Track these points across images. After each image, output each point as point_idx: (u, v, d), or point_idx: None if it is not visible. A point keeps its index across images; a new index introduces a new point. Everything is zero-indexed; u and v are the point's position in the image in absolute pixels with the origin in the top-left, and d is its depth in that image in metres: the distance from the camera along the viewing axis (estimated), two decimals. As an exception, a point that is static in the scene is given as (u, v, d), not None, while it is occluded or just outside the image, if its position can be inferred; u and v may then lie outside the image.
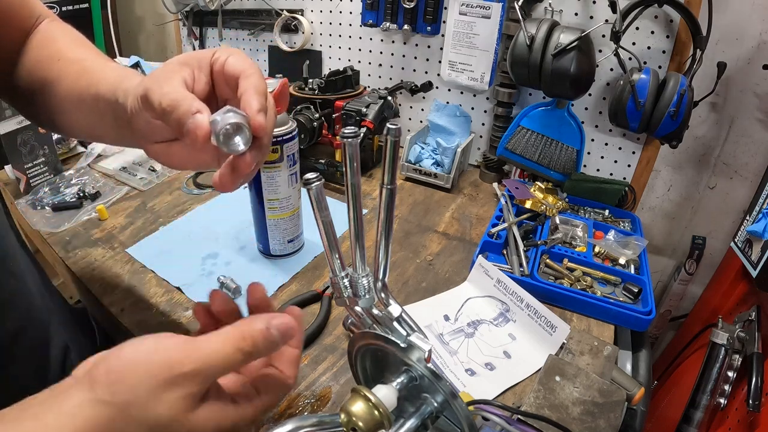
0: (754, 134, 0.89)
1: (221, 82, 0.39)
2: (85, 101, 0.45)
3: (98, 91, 0.43)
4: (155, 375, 0.30)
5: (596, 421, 0.47)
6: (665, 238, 1.08)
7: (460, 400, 0.33)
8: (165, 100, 0.34)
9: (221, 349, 0.32)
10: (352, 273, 0.37)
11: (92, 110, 0.45)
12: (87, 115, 0.46)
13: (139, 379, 0.30)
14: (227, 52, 0.38)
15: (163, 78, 0.36)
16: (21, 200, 0.87)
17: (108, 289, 0.67)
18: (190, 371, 0.30)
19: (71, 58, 0.49)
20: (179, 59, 0.38)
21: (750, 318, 0.74)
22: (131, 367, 0.30)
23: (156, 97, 0.35)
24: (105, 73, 0.45)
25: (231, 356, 0.32)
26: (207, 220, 0.84)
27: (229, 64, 0.37)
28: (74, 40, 0.52)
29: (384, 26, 1.03)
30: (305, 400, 0.52)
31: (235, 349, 0.32)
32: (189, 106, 0.34)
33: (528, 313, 0.62)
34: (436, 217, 0.88)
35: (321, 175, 0.34)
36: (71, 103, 0.47)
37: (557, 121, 0.89)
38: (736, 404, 0.70)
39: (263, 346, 0.33)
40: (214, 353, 0.31)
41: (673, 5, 0.75)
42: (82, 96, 0.45)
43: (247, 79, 0.36)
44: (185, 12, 1.38)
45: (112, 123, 0.44)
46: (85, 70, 0.47)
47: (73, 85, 0.47)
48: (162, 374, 0.30)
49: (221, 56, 0.38)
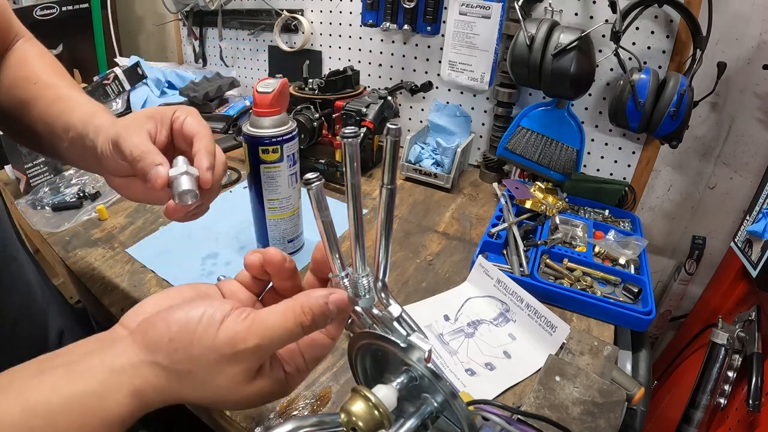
0: (754, 134, 0.89)
1: (179, 137, 0.47)
2: (57, 126, 0.49)
3: (70, 121, 0.49)
4: (219, 350, 0.31)
5: (596, 421, 0.47)
6: (665, 238, 1.08)
7: (460, 400, 0.33)
8: (135, 151, 0.42)
9: (283, 324, 0.32)
10: (352, 273, 0.37)
11: (62, 136, 0.49)
12: (57, 140, 0.50)
13: (202, 352, 0.31)
14: (186, 112, 0.47)
15: (133, 128, 0.44)
16: (21, 200, 0.87)
17: (108, 289, 0.67)
18: (254, 347, 0.31)
19: (46, 82, 0.53)
20: (146, 113, 0.47)
21: (750, 318, 0.74)
22: (195, 339, 0.31)
23: (127, 146, 0.42)
24: (77, 104, 0.50)
25: (292, 330, 0.32)
26: (207, 220, 0.82)
27: (187, 124, 0.46)
28: (50, 64, 0.56)
29: (384, 26, 1.03)
30: (305, 400, 0.52)
31: (296, 323, 0.33)
32: (153, 159, 0.42)
33: (528, 313, 0.62)
34: (436, 217, 0.88)
35: (321, 175, 0.34)
36: (44, 126, 0.51)
37: (557, 121, 0.89)
38: (736, 404, 0.70)
39: (321, 321, 0.34)
40: (277, 328, 0.32)
41: (673, 5, 0.75)
42: (54, 122, 0.50)
43: (200, 141, 0.45)
44: (185, 12, 1.38)
45: (80, 152, 0.48)
46: (59, 98, 0.51)
47: (46, 109, 0.51)
48: (226, 350, 0.31)
49: (180, 116, 0.47)
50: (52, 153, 0.54)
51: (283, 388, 0.36)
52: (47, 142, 0.52)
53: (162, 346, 0.31)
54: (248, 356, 0.31)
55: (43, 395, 0.28)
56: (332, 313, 0.34)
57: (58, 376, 0.30)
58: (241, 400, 0.33)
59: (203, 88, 1.24)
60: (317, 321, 0.34)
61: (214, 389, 0.32)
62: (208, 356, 0.31)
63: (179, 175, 0.42)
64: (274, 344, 0.32)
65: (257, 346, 0.31)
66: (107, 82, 1.21)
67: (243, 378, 0.32)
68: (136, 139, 0.43)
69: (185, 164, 0.43)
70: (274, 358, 0.36)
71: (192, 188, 0.42)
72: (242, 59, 1.38)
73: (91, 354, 0.31)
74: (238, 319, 0.32)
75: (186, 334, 0.31)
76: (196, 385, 0.31)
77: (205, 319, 0.31)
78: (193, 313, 0.32)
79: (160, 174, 0.41)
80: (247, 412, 0.50)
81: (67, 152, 0.51)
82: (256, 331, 0.31)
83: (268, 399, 0.35)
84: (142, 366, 0.31)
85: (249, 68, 1.38)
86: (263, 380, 0.34)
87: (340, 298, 0.35)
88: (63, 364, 0.30)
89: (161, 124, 0.46)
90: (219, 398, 0.33)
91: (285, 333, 0.32)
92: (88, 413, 0.29)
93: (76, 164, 0.56)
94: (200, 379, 0.31)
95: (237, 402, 0.34)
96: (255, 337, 0.31)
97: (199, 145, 0.45)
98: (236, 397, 0.33)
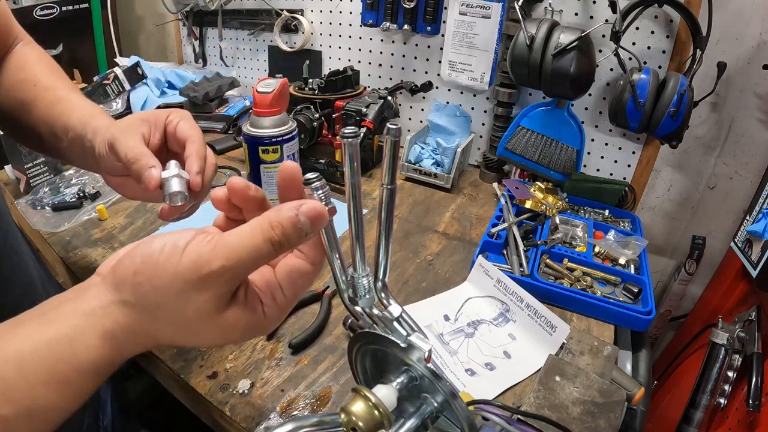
0: (754, 134, 0.89)
1: (172, 140, 0.49)
2: (57, 127, 0.51)
3: (69, 122, 0.50)
4: (183, 276, 0.29)
5: (596, 421, 0.47)
6: (665, 238, 1.08)
7: (460, 400, 0.33)
8: (130, 153, 0.44)
9: (250, 241, 0.30)
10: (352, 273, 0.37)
11: (62, 137, 0.51)
12: (57, 140, 0.52)
13: (166, 282, 0.29)
14: (179, 116, 0.49)
15: (128, 131, 0.46)
16: (21, 200, 0.87)
17: (108, 289, 0.67)
18: (219, 268, 0.29)
19: (46, 84, 0.54)
20: (141, 116, 0.49)
21: (750, 318, 0.74)
22: (158, 269, 0.29)
23: (122, 149, 0.45)
24: (76, 106, 0.52)
25: (260, 248, 0.30)
26: (207, 220, 0.83)
27: (180, 128, 0.48)
28: (49, 67, 0.57)
29: (384, 26, 1.03)
30: (305, 400, 0.52)
31: (264, 239, 0.30)
32: (146, 161, 0.44)
33: (528, 313, 0.62)
34: (436, 217, 0.88)
35: (321, 175, 0.34)
36: (45, 126, 0.52)
37: (557, 121, 0.89)
38: (736, 404, 0.70)
39: (293, 235, 0.31)
40: (243, 247, 0.30)
41: (673, 5, 0.75)
42: (54, 122, 0.51)
43: (192, 145, 0.47)
44: (185, 12, 1.38)
45: (80, 152, 0.50)
46: (58, 99, 0.53)
47: (46, 110, 0.52)
48: (190, 275, 0.29)
49: (174, 119, 0.48)
50: (53, 152, 0.55)
51: (262, 322, 0.33)
52: (48, 142, 0.53)
53: (127, 281, 0.30)
54: (215, 280, 0.29)
55: (15, 344, 0.28)
56: (305, 225, 0.31)
57: (31, 325, 0.29)
58: (216, 333, 0.31)
59: (203, 88, 1.24)
60: (289, 236, 0.31)
61: (184, 322, 0.30)
62: (173, 284, 0.29)
63: (170, 178, 0.44)
64: (243, 265, 0.30)
65: (222, 267, 0.29)
66: (107, 82, 1.21)
67: (213, 306, 0.30)
68: (131, 142, 0.45)
69: (177, 167, 0.45)
70: (249, 288, 0.33)
71: (182, 190, 0.44)
72: (242, 59, 1.38)
73: (65, 302, 0.31)
74: (202, 242, 0.30)
75: (150, 265, 0.29)
76: (165, 319, 0.30)
77: (168, 248, 0.30)
78: (156, 244, 0.30)
79: (152, 176, 0.43)
80: (248, 412, 0.50)
81: (67, 152, 0.52)
82: (221, 252, 0.29)
83: (246, 333, 0.33)
84: (110, 306, 0.30)
85: (249, 68, 1.38)
86: (237, 310, 0.31)
87: (312, 207, 0.31)
88: (38, 314, 0.30)
89: (155, 127, 0.48)
90: (192, 332, 0.31)
91: (254, 251, 0.30)
92: (58, 358, 0.28)
93: (75, 163, 0.58)
94: (168, 311, 0.30)
95: (212, 337, 0.32)
96: (220, 259, 0.29)
97: (190, 149, 0.47)
98: (210, 329, 0.31)
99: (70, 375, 0.29)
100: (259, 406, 0.51)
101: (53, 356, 0.28)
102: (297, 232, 0.31)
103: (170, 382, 0.57)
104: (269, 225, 0.30)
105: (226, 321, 0.31)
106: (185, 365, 0.55)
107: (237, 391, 0.52)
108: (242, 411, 0.50)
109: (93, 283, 0.31)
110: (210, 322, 0.31)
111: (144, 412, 0.80)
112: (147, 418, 0.80)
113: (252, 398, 0.51)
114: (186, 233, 0.31)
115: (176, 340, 0.32)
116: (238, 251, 0.29)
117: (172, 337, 0.31)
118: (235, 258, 0.29)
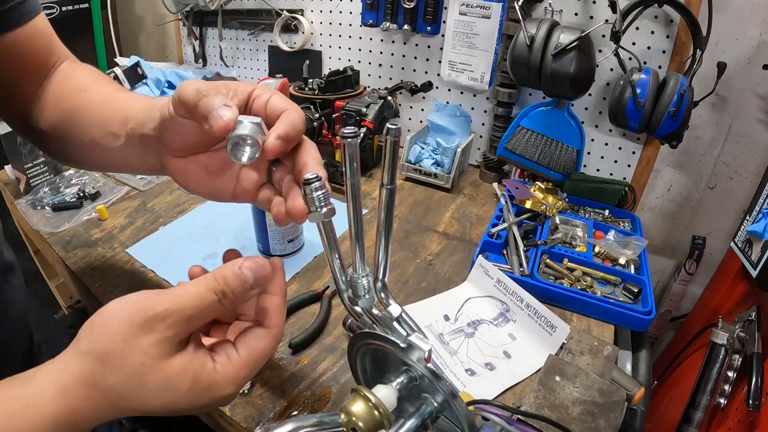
0: (754, 134, 0.89)
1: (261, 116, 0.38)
2: (113, 123, 0.47)
3: (129, 113, 0.46)
4: (130, 321, 0.31)
5: (596, 421, 0.47)
6: (665, 238, 1.08)
7: (460, 400, 0.33)
8: (202, 87, 0.36)
9: (194, 290, 0.32)
10: (351, 273, 0.37)
11: (118, 133, 0.46)
12: (113, 139, 0.47)
13: (116, 327, 0.31)
14: (270, 91, 0.39)
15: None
16: (21, 200, 0.87)
17: (108, 289, 0.67)
18: (163, 311, 0.31)
19: (96, 89, 0.52)
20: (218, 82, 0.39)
21: (750, 318, 0.74)
22: (110, 317, 0.31)
23: (191, 86, 0.36)
24: (135, 98, 0.48)
25: (203, 295, 0.32)
26: (207, 220, 0.84)
27: (273, 102, 0.38)
28: (98, 75, 0.55)
29: (384, 26, 1.03)
30: (305, 400, 0.52)
31: (207, 289, 0.32)
32: (222, 99, 0.35)
33: (528, 313, 0.62)
34: (436, 217, 0.88)
35: (319, 176, 0.34)
36: (97, 128, 0.48)
37: (557, 121, 0.89)
38: (736, 404, 0.70)
39: (237, 287, 0.33)
40: (188, 294, 0.32)
41: (673, 5, 0.75)
42: (109, 119, 0.47)
43: (288, 114, 0.37)
44: (185, 12, 1.38)
45: (138, 144, 0.45)
46: (110, 98, 0.49)
47: (99, 110, 0.49)
48: (136, 318, 0.31)
49: (263, 94, 0.39)
50: (104, 158, 0.51)
51: (215, 380, 0.33)
52: (100, 146, 0.48)
53: (84, 333, 0.32)
54: (159, 323, 0.31)
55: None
56: (247, 277, 0.33)
57: (2, 386, 0.30)
58: (163, 383, 0.31)
59: (203, 88, 1.24)
60: (233, 288, 0.33)
61: (131, 369, 0.30)
62: (122, 328, 0.30)
63: (243, 120, 0.35)
64: (186, 310, 0.31)
65: (167, 310, 0.31)
66: (107, 82, 1.21)
67: (159, 351, 0.31)
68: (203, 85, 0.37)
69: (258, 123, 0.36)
70: (198, 342, 0.34)
71: (252, 135, 0.34)
72: (242, 59, 1.38)
73: (41, 367, 0.32)
74: (152, 293, 0.32)
75: (104, 316, 0.31)
76: (114, 365, 0.30)
77: (122, 300, 0.32)
78: (115, 301, 0.32)
79: (222, 115, 0.34)
80: (248, 412, 0.50)
81: (123, 151, 0.47)
82: (167, 298, 0.31)
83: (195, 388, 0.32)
84: (69, 360, 0.31)
85: (249, 68, 1.38)
86: (184, 358, 0.32)
87: (255, 262, 0.34)
88: (12, 378, 0.31)
89: (235, 95, 0.39)
90: (139, 383, 0.31)
91: (197, 299, 0.32)
92: (16, 415, 0.29)
93: (131, 164, 0.50)
94: (118, 356, 0.30)
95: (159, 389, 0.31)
96: (164, 303, 0.31)
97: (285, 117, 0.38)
98: (156, 378, 0.31)
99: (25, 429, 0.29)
100: (259, 406, 0.51)
101: (10, 413, 0.29)
102: (240, 284, 0.33)
103: (170, 382, 0.57)
104: (213, 277, 0.33)
105: (173, 369, 0.31)
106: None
107: (237, 391, 0.52)
108: (242, 411, 0.50)
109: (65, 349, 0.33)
110: (156, 369, 0.31)
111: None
112: (147, 418, 0.80)
113: (252, 398, 0.51)
114: (144, 291, 0.33)
115: (124, 395, 0.31)
116: (183, 297, 0.32)
117: (121, 390, 0.31)
118: (179, 303, 0.31)
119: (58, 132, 0.52)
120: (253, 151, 0.35)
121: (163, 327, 0.31)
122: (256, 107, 0.39)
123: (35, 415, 0.29)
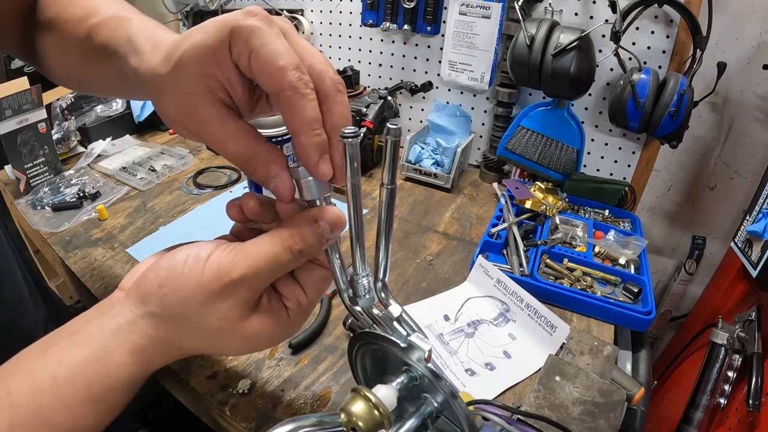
0: (754, 134, 0.89)
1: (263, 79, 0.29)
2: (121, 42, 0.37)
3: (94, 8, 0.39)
4: (206, 286, 0.29)
5: (596, 421, 0.47)
6: (665, 238, 1.08)
7: (460, 400, 0.33)
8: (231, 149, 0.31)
9: (270, 250, 0.30)
10: (352, 273, 0.37)
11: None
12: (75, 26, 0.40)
13: (190, 292, 0.30)
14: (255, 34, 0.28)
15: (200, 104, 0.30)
16: (21, 200, 0.87)
17: (108, 289, 0.67)
18: (239, 277, 0.30)
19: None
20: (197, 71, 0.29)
21: (750, 318, 0.74)
22: (183, 280, 0.30)
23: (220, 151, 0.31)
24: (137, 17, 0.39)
25: (280, 257, 0.30)
26: (207, 220, 0.84)
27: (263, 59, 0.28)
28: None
29: (384, 26, 1.03)
30: (305, 400, 0.52)
31: (284, 248, 0.31)
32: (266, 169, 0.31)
33: (528, 313, 0.62)
34: (436, 217, 0.88)
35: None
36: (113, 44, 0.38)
37: (557, 121, 0.89)
38: (736, 404, 0.70)
39: (315, 242, 0.31)
40: (263, 256, 0.30)
41: (673, 5, 0.75)
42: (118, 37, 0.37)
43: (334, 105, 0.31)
44: (185, 12, 1.38)
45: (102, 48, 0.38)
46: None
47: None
48: (212, 285, 0.29)
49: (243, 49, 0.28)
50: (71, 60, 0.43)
51: (288, 327, 0.34)
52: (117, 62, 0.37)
53: (153, 294, 0.30)
54: (236, 288, 0.30)
55: (48, 370, 0.28)
56: (325, 231, 0.32)
57: (61, 348, 0.30)
58: (242, 341, 0.31)
59: (203, 88, 1.24)
60: (310, 244, 0.31)
61: (209, 331, 0.30)
62: (197, 295, 0.30)
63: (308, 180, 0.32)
64: (263, 273, 0.30)
65: (243, 276, 0.29)
66: (107, 82, 1.21)
67: (237, 314, 0.30)
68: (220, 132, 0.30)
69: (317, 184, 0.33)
70: (273, 294, 0.34)
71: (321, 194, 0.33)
72: (242, 59, 1.38)
73: (91, 321, 0.31)
74: (223, 252, 0.30)
75: (174, 278, 0.30)
76: (191, 329, 0.30)
77: (191, 259, 0.30)
78: (179, 256, 0.31)
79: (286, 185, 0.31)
80: (248, 412, 0.50)
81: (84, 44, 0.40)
82: (242, 261, 0.30)
83: (272, 339, 0.33)
84: (138, 320, 0.30)
85: (249, 68, 1.38)
86: (261, 317, 0.32)
87: (332, 215, 0.32)
88: (66, 336, 0.30)
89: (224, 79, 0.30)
90: (218, 341, 0.31)
91: (273, 260, 0.30)
92: (91, 380, 0.29)
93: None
94: (194, 321, 0.30)
95: (238, 346, 0.32)
96: (240, 267, 0.29)
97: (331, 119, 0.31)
98: (235, 338, 0.31)
99: (104, 394, 0.29)
100: (259, 406, 0.51)
101: (87, 379, 0.29)
102: (318, 239, 0.31)
103: (170, 382, 0.57)
104: (288, 233, 0.31)
105: (251, 328, 0.31)
106: (185, 365, 0.55)
107: (237, 391, 0.52)
108: (242, 411, 0.50)
109: (117, 299, 0.32)
110: (234, 330, 0.31)
111: (143, 411, 0.80)
112: (147, 417, 0.80)
113: (252, 398, 0.52)
114: (208, 244, 0.31)
115: (203, 350, 0.32)
116: (258, 260, 0.30)
117: (198, 347, 0.32)
118: (255, 267, 0.30)
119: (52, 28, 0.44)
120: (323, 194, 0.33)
121: (240, 292, 0.30)
122: (254, 70, 0.29)
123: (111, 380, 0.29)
